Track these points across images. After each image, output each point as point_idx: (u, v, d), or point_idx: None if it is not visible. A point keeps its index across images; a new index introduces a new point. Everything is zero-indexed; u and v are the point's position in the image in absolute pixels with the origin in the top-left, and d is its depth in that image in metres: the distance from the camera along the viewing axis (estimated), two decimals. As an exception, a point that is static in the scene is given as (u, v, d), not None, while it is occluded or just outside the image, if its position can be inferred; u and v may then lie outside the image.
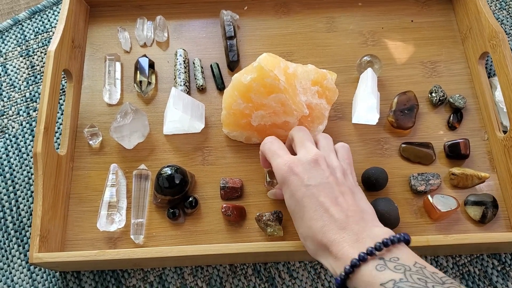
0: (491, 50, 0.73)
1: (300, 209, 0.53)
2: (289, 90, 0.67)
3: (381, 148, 0.73)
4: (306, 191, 0.53)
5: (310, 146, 0.58)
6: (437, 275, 0.44)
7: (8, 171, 0.75)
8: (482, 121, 0.75)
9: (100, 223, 0.67)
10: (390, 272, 0.44)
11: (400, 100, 0.74)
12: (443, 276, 0.44)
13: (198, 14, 0.85)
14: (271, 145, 0.60)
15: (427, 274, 0.44)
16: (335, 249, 0.49)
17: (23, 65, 0.83)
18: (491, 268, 0.68)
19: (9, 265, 0.69)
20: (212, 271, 0.68)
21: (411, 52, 0.81)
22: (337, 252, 0.48)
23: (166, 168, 0.68)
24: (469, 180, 0.70)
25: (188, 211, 0.68)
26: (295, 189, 0.54)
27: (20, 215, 0.72)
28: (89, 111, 0.77)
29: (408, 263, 0.45)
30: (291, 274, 0.67)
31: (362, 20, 0.84)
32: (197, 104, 0.75)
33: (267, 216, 0.66)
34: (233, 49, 0.79)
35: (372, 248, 0.47)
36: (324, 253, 0.51)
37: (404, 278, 0.43)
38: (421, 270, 0.44)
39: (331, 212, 0.51)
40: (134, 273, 0.68)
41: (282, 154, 0.58)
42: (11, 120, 0.78)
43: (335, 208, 0.51)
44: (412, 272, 0.44)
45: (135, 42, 0.83)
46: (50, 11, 0.88)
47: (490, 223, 0.68)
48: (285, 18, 0.85)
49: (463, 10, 0.81)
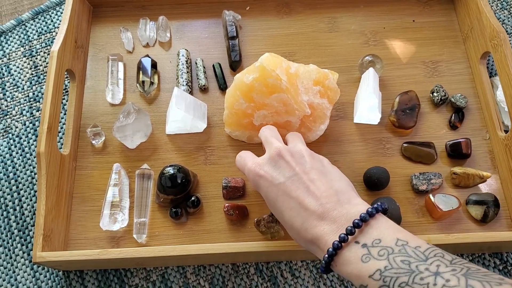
0: (492, 49, 0.73)
1: (278, 211, 0.54)
2: (291, 90, 0.67)
3: (382, 148, 0.74)
4: (278, 191, 0.53)
5: (273, 141, 0.58)
6: (420, 249, 0.44)
7: (12, 170, 0.75)
8: (484, 121, 0.75)
9: (103, 222, 0.67)
10: (374, 261, 0.44)
11: (402, 100, 0.75)
12: (426, 249, 0.44)
13: (200, 14, 0.85)
14: (241, 154, 0.62)
15: (409, 252, 0.43)
16: (321, 243, 0.49)
17: (26, 65, 0.83)
18: (493, 268, 0.68)
19: (12, 264, 0.69)
20: (215, 270, 0.68)
21: (413, 52, 0.81)
22: (323, 245, 0.48)
23: (169, 168, 0.68)
24: (471, 179, 0.70)
25: (191, 211, 0.69)
26: (267, 192, 0.54)
27: (23, 215, 0.72)
28: (92, 111, 0.77)
29: (390, 243, 0.45)
30: (293, 273, 0.68)
31: (363, 20, 0.84)
32: (199, 104, 0.75)
33: (265, 220, 0.66)
34: (235, 49, 0.80)
35: (351, 227, 0.46)
36: (313, 247, 0.50)
37: (389, 265, 0.43)
38: (403, 248, 0.44)
39: (306, 205, 0.51)
40: (136, 272, 0.68)
41: (250, 158, 0.59)
42: (14, 120, 0.79)
43: (309, 199, 0.51)
44: (395, 255, 0.44)
45: (138, 42, 0.83)
46: (53, 11, 0.88)
47: (491, 223, 0.68)
48: (287, 18, 0.85)
49: (464, 10, 0.81)
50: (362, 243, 0.46)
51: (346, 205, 0.50)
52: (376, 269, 0.43)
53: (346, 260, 0.46)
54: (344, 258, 0.46)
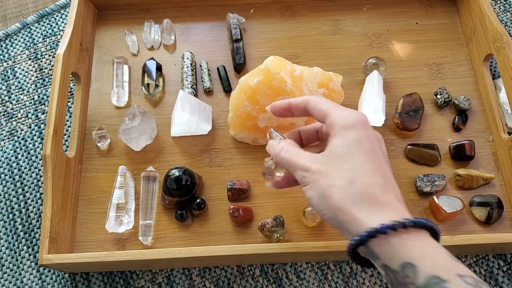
0: (495, 52, 0.73)
1: (372, 156, 0.49)
2: (295, 92, 0.68)
3: (386, 150, 0.74)
4: (377, 148, 0.51)
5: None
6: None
7: (17, 173, 0.75)
8: (487, 123, 0.76)
9: (109, 224, 0.68)
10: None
11: (406, 102, 0.75)
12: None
13: (204, 17, 0.86)
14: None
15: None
16: (382, 207, 0.45)
17: (31, 68, 0.84)
18: (497, 269, 0.68)
19: (18, 267, 0.69)
20: (220, 272, 0.68)
21: (416, 54, 0.81)
22: (382, 210, 0.45)
23: (174, 170, 0.69)
24: (474, 181, 0.70)
25: (196, 213, 0.69)
26: (370, 138, 0.51)
27: (29, 217, 0.72)
28: (97, 114, 0.78)
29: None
30: (298, 275, 0.68)
31: (367, 23, 0.84)
32: (204, 106, 0.75)
33: (269, 223, 0.66)
34: (240, 52, 0.80)
35: (406, 221, 0.44)
36: (362, 205, 0.45)
37: None
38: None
39: (389, 175, 0.49)
40: (142, 274, 0.68)
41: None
42: (19, 123, 0.79)
43: (391, 176, 0.49)
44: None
45: (143, 45, 0.84)
46: (58, 14, 0.88)
47: (495, 224, 0.68)
48: (290, 21, 0.85)
49: (467, 13, 0.82)
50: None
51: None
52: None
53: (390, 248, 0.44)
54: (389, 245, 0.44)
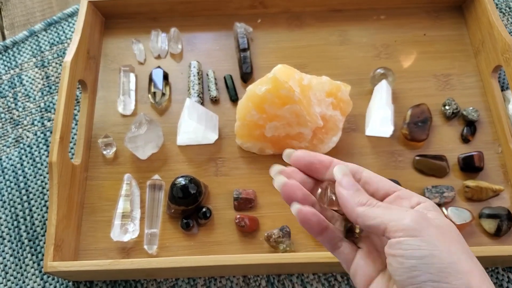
0: (504, 63, 0.73)
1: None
2: (303, 101, 0.67)
3: (395, 161, 0.73)
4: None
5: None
6: None
7: (23, 180, 0.75)
8: (496, 134, 0.75)
9: (114, 233, 0.67)
10: None
11: (414, 113, 0.74)
12: None
13: (211, 26, 0.86)
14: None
15: None
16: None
17: (38, 76, 0.84)
18: (507, 282, 0.67)
19: (22, 274, 0.69)
20: (226, 282, 0.67)
21: (424, 65, 0.81)
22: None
23: (180, 179, 0.68)
24: (484, 193, 0.69)
25: (202, 222, 0.68)
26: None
27: (34, 224, 0.72)
28: (103, 122, 0.77)
29: None
30: (305, 286, 0.67)
31: (375, 33, 0.84)
32: (211, 115, 0.75)
33: (275, 234, 0.65)
34: (247, 61, 0.80)
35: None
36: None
37: None
38: None
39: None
40: (147, 283, 0.68)
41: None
42: (26, 130, 0.79)
43: None
44: None
45: (150, 54, 0.84)
46: (65, 23, 0.89)
47: (505, 236, 0.68)
48: (298, 31, 0.85)
49: (475, 24, 0.81)
50: None
51: None
52: None
53: None
54: None
